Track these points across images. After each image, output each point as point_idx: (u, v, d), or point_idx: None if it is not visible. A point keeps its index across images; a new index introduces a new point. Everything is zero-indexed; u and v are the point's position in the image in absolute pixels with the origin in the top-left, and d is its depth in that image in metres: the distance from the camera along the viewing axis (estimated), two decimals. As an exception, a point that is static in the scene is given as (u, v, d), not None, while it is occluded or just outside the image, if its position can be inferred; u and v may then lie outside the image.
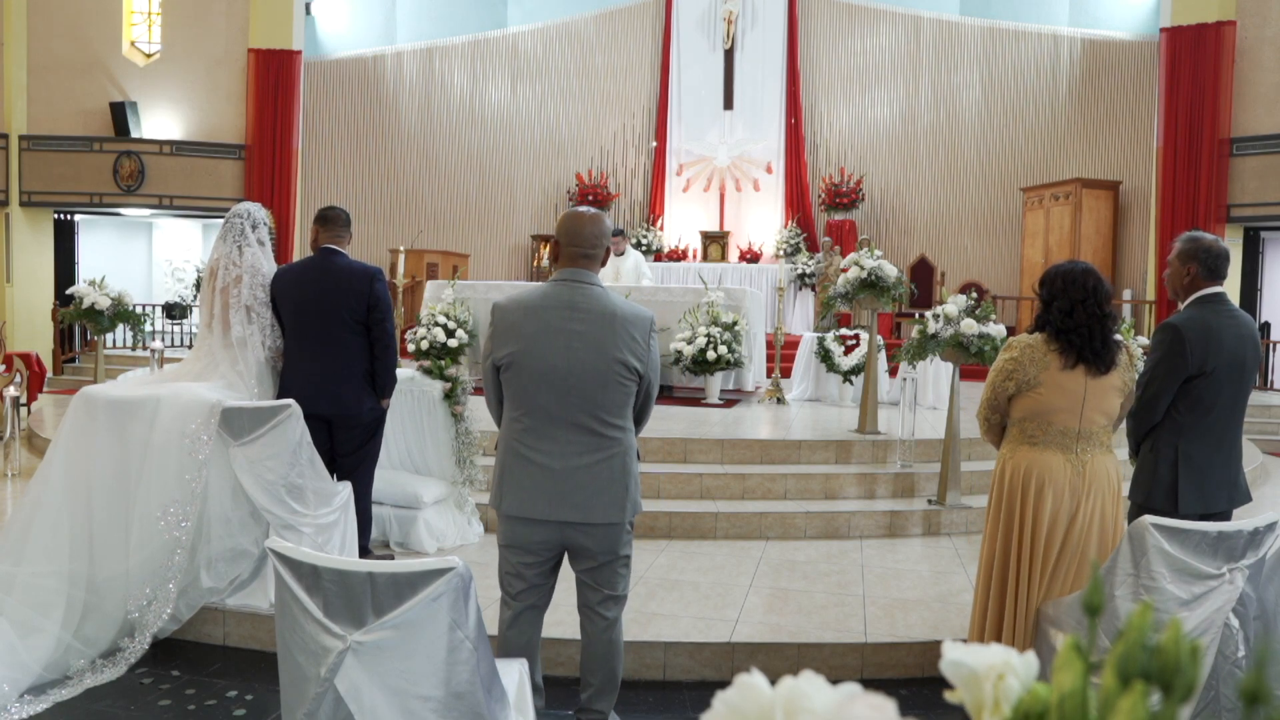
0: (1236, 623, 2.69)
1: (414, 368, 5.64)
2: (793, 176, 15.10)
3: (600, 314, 2.84)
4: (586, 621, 3.04)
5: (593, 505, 2.84)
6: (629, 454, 2.92)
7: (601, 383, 2.82)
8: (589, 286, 2.88)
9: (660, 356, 8.35)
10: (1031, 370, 3.09)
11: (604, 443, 2.85)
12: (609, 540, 2.90)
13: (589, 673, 3.04)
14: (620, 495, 2.88)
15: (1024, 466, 3.15)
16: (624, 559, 2.98)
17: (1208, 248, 3.35)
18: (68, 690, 3.53)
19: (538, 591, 2.99)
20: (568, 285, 2.88)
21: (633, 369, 2.85)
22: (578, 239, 2.90)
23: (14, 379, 7.37)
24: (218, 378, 4.27)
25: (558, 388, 2.81)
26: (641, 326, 2.89)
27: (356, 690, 2.01)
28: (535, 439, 2.85)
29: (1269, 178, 11.21)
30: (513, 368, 2.85)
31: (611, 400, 2.84)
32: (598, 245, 2.92)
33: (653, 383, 2.97)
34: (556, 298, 2.86)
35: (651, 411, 3.09)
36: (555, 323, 2.82)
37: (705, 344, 8.25)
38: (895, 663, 3.94)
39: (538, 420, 2.84)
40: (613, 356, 2.82)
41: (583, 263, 2.90)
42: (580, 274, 2.89)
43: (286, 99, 13.46)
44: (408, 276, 10.11)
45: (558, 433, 2.83)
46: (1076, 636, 0.66)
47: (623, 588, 3.02)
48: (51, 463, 3.96)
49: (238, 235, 4.41)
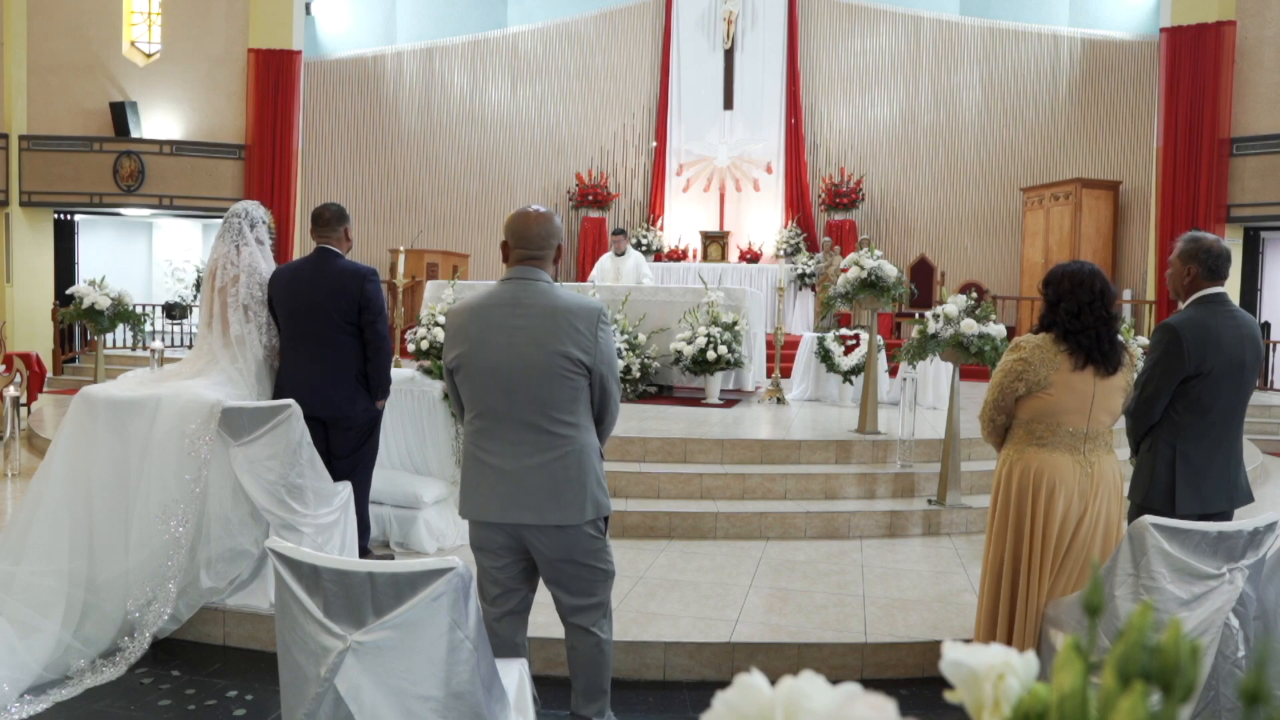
0: (1236, 623, 2.69)
1: (414, 368, 5.64)
2: (793, 176, 15.10)
3: (542, 308, 2.77)
4: (566, 630, 2.99)
5: (545, 507, 2.76)
6: (584, 453, 2.81)
7: (545, 377, 2.74)
8: (534, 283, 2.81)
9: (653, 356, 8.49)
10: (1043, 371, 3.07)
11: (555, 441, 2.77)
12: (567, 543, 2.81)
13: (573, 676, 3.02)
14: (577, 496, 2.77)
15: (1034, 468, 3.13)
16: (590, 565, 2.86)
17: (1208, 248, 3.35)
18: (68, 690, 3.53)
19: (514, 596, 2.92)
20: (513, 283, 2.83)
21: (577, 361, 2.76)
22: (524, 239, 2.84)
23: (14, 379, 7.37)
24: (218, 373, 4.27)
25: (503, 386, 2.76)
26: (587, 317, 2.78)
27: (356, 690, 2.01)
28: (487, 440, 2.80)
29: (1269, 178, 11.21)
30: (461, 369, 2.82)
31: (558, 396, 2.76)
32: (545, 245, 2.85)
33: (606, 376, 2.84)
34: (500, 296, 2.82)
35: (614, 410, 2.95)
36: (497, 320, 2.77)
37: (705, 344, 8.25)
38: (895, 663, 3.94)
39: (488, 421, 2.80)
40: (554, 349, 2.73)
41: (531, 262, 2.85)
42: (527, 271, 2.83)
43: (286, 99, 13.46)
44: (408, 276, 10.10)
45: (507, 432, 2.77)
46: (1076, 636, 0.66)
47: (600, 594, 2.92)
48: (51, 462, 3.96)
49: (236, 235, 4.41)
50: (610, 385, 2.88)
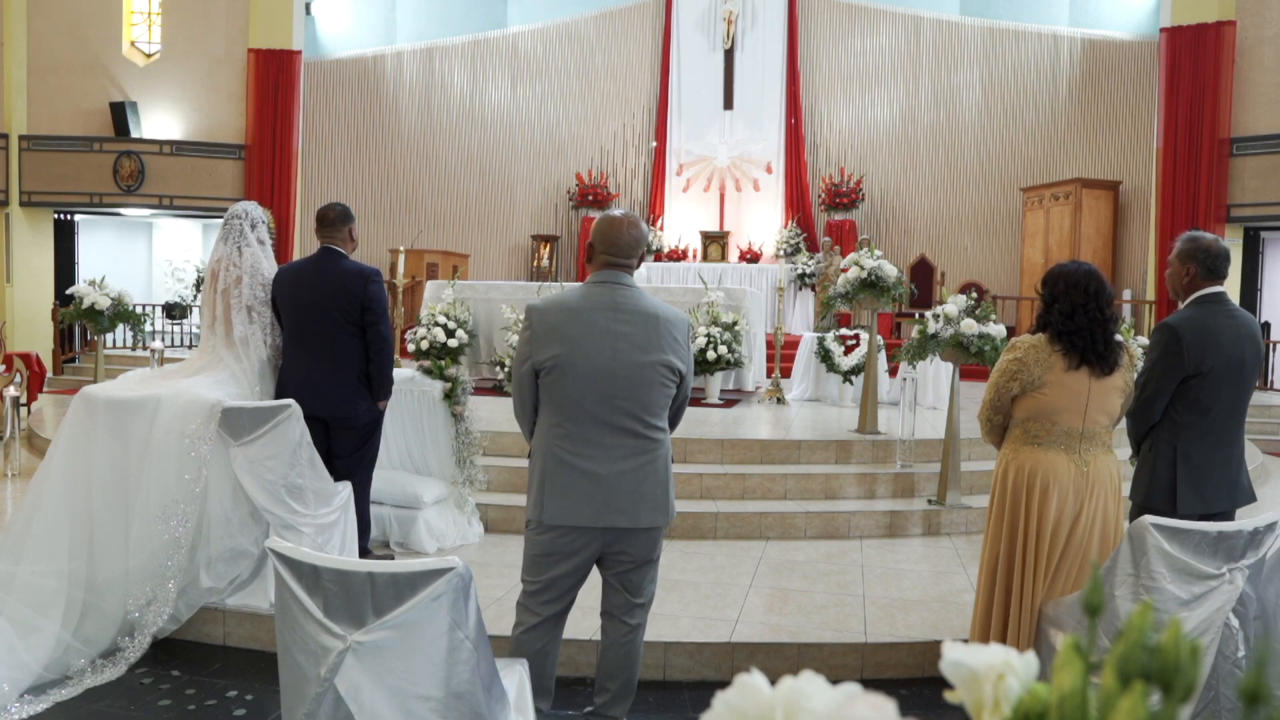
0: (1236, 623, 2.69)
1: (414, 368, 5.64)
2: (793, 176, 15.10)
3: (644, 315, 2.81)
4: (610, 626, 2.98)
5: (639, 510, 2.80)
6: (669, 456, 2.90)
7: (647, 384, 2.79)
8: (629, 289, 2.84)
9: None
10: (1036, 371, 3.08)
11: (648, 445, 2.81)
12: (650, 544, 2.88)
13: (606, 678, 3.00)
14: (663, 498, 2.85)
15: (1028, 467, 3.14)
16: (655, 562, 2.96)
17: (1207, 248, 3.35)
18: (68, 690, 3.53)
19: (564, 601, 2.92)
20: (608, 287, 2.83)
21: (675, 370, 2.85)
22: (615, 246, 2.85)
23: (14, 379, 7.37)
24: (219, 371, 4.27)
25: (604, 390, 2.76)
26: (682, 328, 2.90)
27: (356, 690, 2.01)
28: (578, 444, 2.77)
29: (1269, 178, 11.21)
30: (555, 370, 2.77)
31: (655, 402, 2.82)
32: (633, 253, 2.88)
33: (689, 384, 2.97)
34: (599, 299, 2.80)
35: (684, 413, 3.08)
36: (600, 323, 2.77)
37: (705, 344, 8.26)
38: (895, 663, 3.94)
39: (580, 425, 2.77)
40: (658, 358, 2.80)
41: (619, 268, 2.87)
42: (619, 276, 2.85)
43: (286, 99, 13.45)
44: (408, 276, 10.10)
45: (602, 437, 2.77)
46: (1076, 636, 0.66)
47: (649, 593, 2.99)
48: (51, 462, 3.96)
49: (237, 236, 4.41)
50: (689, 391, 3.01)
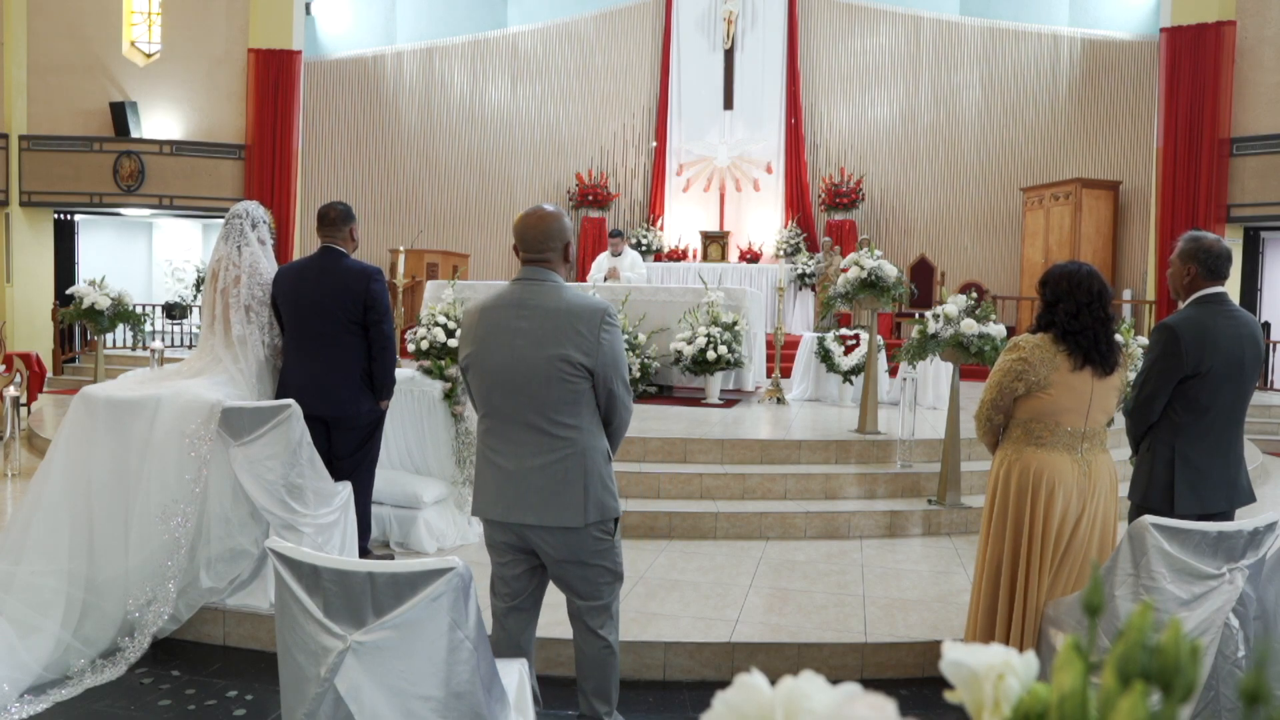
0: (1236, 623, 2.69)
1: (414, 368, 5.64)
2: (793, 176, 15.10)
3: (546, 310, 2.77)
4: (574, 627, 3.00)
5: (547, 507, 2.76)
6: (588, 455, 2.79)
7: (544, 380, 2.74)
8: (540, 284, 2.82)
9: (653, 356, 8.48)
10: (1043, 371, 3.08)
11: (556, 443, 2.77)
12: (570, 545, 2.81)
13: (581, 678, 3.03)
14: (576, 498, 2.76)
15: (1033, 468, 3.13)
16: (597, 567, 2.86)
17: (1208, 248, 3.35)
18: (68, 690, 3.53)
19: (521, 594, 2.95)
20: (520, 284, 2.85)
21: (577, 364, 2.74)
22: (524, 241, 2.86)
23: (14, 379, 7.37)
24: (219, 371, 4.27)
25: (506, 387, 2.78)
26: (589, 319, 2.75)
27: (356, 690, 2.01)
28: (495, 440, 2.84)
29: (1269, 178, 11.21)
30: (471, 369, 2.87)
31: (557, 398, 2.75)
32: (545, 246, 2.84)
33: (611, 379, 2.80)
34: (507, 297, 2.84)
35: (623, 413, 2.90)
36: (502, 321, 2.80)
37: (705, 344, 8.25)
38: (895, 663, 3.94)
39: (496, 421, 2.84)
40: (553, 353, 2.73)
41: (537, 264, 2.85)
42: (534, 272, 2.85)
43: (286, 99, 13.45)
44: (408, 276, 10.11)
45: (512, 433, 2.80)
46: (1076, 636, 0.66)
47: (606, 596, 2.92)
48: (51, 462, 3.96)
49: (238, 236, 4.41)
50: (616, 387, 2.83)
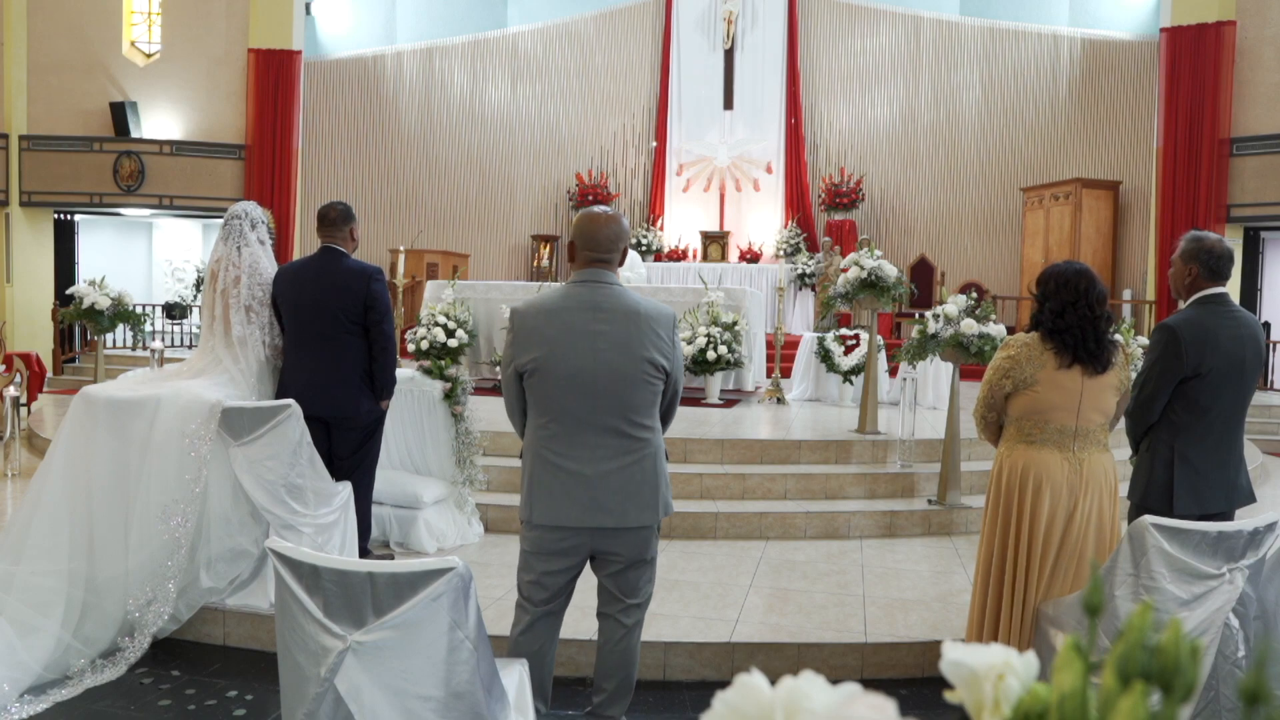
0: (1236, 623, 2.69)
1: (414, 368, 5.63)
2: (793, 176, 15.10)
3: (624, 313, 2.79)
4: (605, 627, 2.98)
5: (626, 509, 2.79)
6: (659, 454, 2.88)
7: (630, 383, 2.77)
8: (609, 286, 2.83)
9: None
10: (1028, 369, 3.10)
11: (634, 445, 2.80)
12: (639, 544, 2.87)
13: (603, 678, 3.00)
14: (652, 497, 2.83)
15: (1021, 465, 3.16)
16: (650, 561, 2.95)
17: (1209, 248, 3.35)
18: (68, 690, 3.53)
19: (558, 599, 2.93)
20: (588, 286, 2.82)
21: (660, 367, 2.81)
22: (594, 242, 2.84)
23: (14, 379, 7.37)
24: (220, 372, 4.27)
25: (585, 391, 2.75)
26: (665, 323, 2.85)
27: (356, 690, 2.01)
28: (564, 445, 2.79)
29: (1269, 178, 11.21)
30: (537, 373, 2.78)
31: (640, 401, 2.80)
32: (614, 248, 2.87)
33: (679, 380, 2.94)
34: (578, 299, 2.80)
35: (677, 410, 3.05)
36: (579, 324, 2.77)
37: (705, 344, 8.25)
38: (895, 663, 3.94)
39: (565, 426, 2.78)
40: (640, 355, 2.77)
41: (600, 265, 2.85)
42: (599, 274, 2.84)
43: (286, 99, 13.46)
44: (408, 276, 10.11)
45: (587, 437, 2.78)
46: (1076, 636, 0.66)
47: (645, 593, 2.98)
48: (51, 462, 3.96)
49: (237, 236, 4.41)
50: (679, 388, 2.97)
